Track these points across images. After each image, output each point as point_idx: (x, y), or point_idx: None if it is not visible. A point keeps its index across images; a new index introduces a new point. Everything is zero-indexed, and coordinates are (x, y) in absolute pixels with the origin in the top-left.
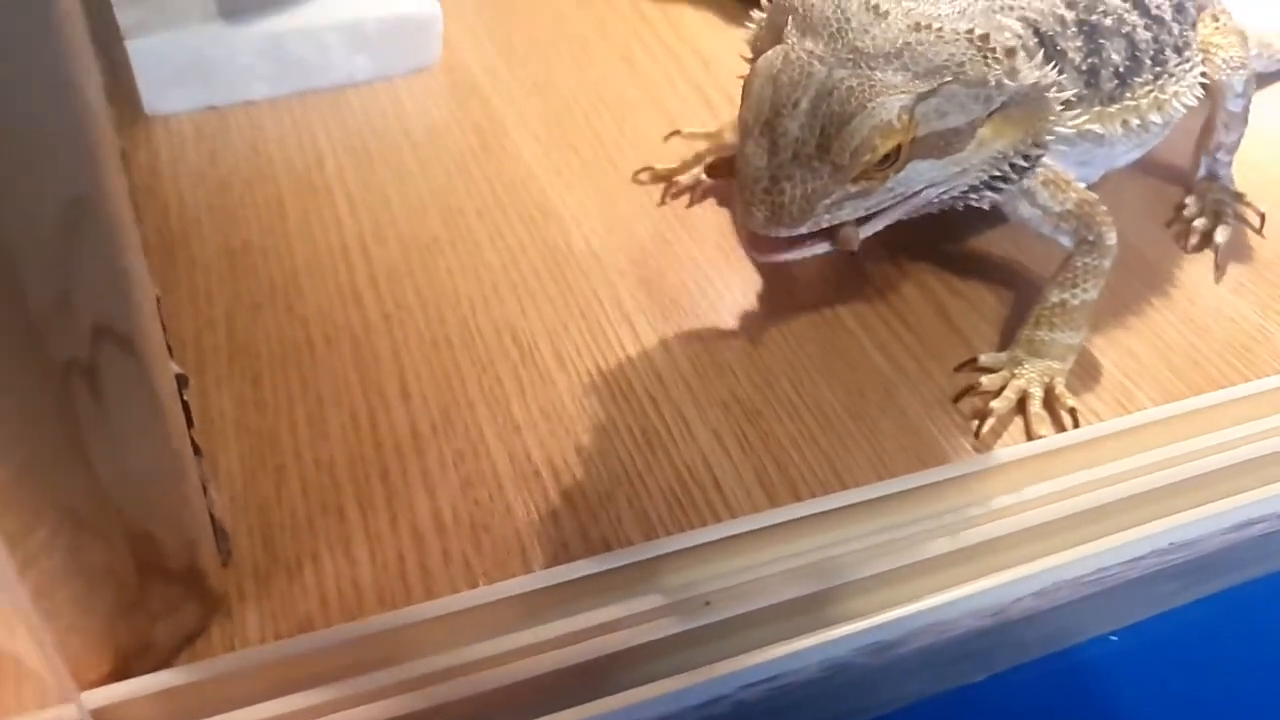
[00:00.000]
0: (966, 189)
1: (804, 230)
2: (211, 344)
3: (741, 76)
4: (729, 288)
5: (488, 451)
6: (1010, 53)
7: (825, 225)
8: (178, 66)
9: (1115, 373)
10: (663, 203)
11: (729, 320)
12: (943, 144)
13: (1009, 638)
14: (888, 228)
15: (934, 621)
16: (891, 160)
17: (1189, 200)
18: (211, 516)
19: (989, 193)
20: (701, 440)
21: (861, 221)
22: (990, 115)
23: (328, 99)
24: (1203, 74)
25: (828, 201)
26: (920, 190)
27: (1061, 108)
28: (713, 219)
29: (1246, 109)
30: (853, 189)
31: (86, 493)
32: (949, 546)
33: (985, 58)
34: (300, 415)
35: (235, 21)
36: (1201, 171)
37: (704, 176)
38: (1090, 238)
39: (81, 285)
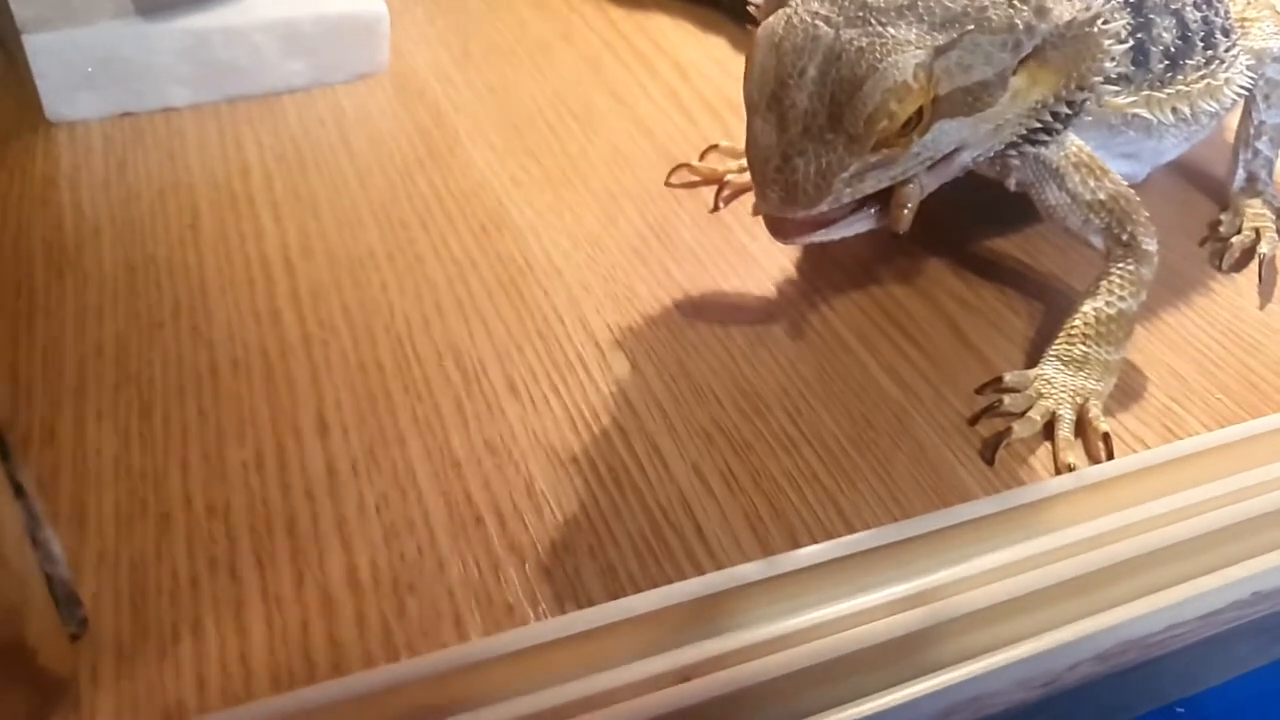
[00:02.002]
0: (1003, 147)
1: (824, 208)
2: (96, 370)
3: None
4: (710, 304)
5: (419, 495)
6: None
7: (848, 200)
8: (86, 68)
9: (1159, 395)
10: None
11: (711, 340)
12: (970, 100)
13: (1061, 711)
14: (883, 232)
15: (972, 695)
16: (914, 124)
17: (1224, 216)
18: (50, 578)
19: (1029, 147)
20: (679, 477)
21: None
22: (1024, 62)
23: (259, 106)
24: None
25: (846, 175)
26: (952, 153)
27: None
28: (690, 230)
29: None
30: (873, 159)
31: None
32: (987, 601)
33: None
34: (195, 453)
35: (153, 18)
36: (1238, 176)
37: None
38: (1124, 237)
39: None
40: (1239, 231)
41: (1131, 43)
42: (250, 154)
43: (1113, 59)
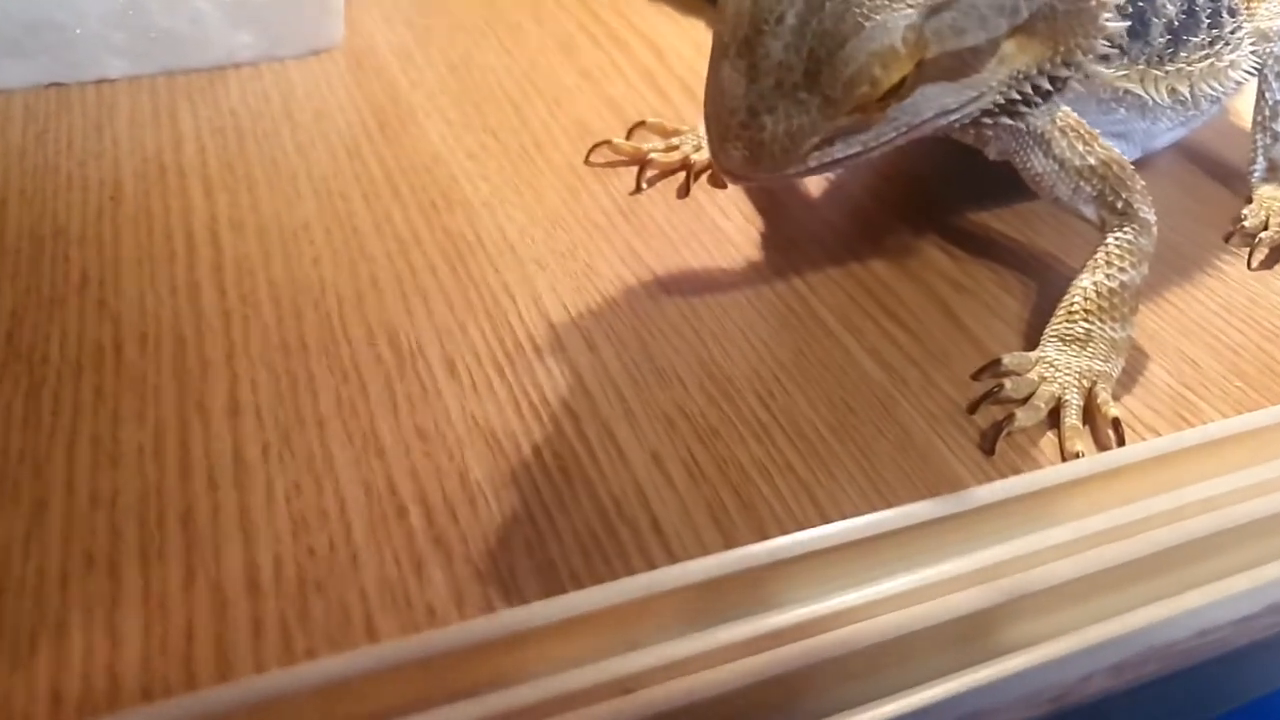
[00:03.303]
0: (980, 113)
1: (790, 172)
2: None
3: None
4: (678, 282)
5: (336, 484)
6: None
7: (813, 165)
8: (8, 33)
9: (1170, 381)
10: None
11: (678, 320)
12: (959, 65)
13: None
14: (868, 207)
15: (969, 712)
16: (895, 89)
17: (1247, 210)
18: None
19: (1005, 119)
20: (636, 466)
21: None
22: (1016, 27)
23: (201, 80)
24: (1252, 38)
25: (816, 139)
26: (929, 119)
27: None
28: (660, 207)
29: None
30: (845, 123)
31: None
32: (984, 602)
33: None
34: (84, 436)
35: None
36: (1259, 165)
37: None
38: (1119, 205)
39: None
40: (1265, 226)
41: (1131, 11)
42: (185, 126)
43: (1107, 38)
